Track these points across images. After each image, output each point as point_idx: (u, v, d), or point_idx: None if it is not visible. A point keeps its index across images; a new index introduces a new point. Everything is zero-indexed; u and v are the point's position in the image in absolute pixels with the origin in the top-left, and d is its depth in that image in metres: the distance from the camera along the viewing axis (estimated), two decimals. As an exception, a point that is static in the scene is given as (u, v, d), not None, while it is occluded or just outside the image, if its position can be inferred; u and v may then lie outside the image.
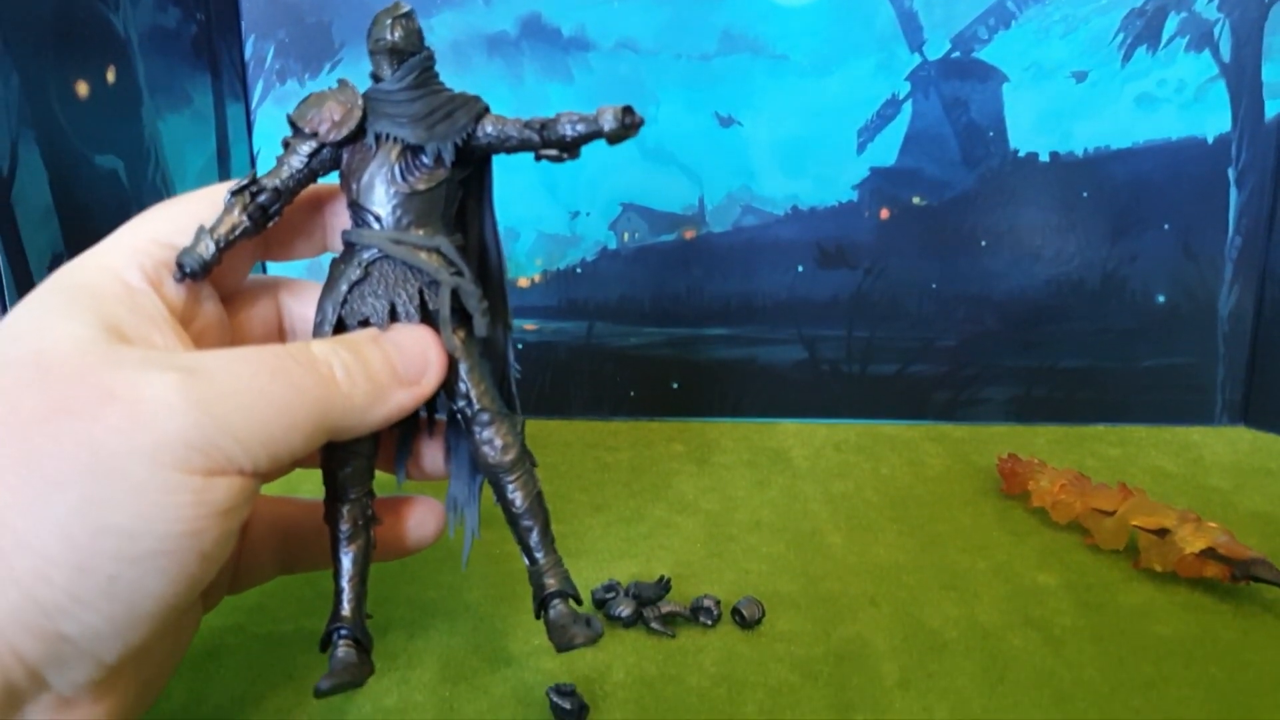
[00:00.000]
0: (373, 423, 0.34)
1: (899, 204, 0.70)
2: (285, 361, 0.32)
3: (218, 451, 0.29)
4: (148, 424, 0.28)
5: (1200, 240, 0.69)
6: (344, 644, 0.36)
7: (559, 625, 0.36)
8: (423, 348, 0.35)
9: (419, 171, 0.36)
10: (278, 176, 0.36)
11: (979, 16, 0.67)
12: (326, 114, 0.36)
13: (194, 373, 0.30)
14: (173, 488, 0.28)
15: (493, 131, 0.36)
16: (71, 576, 0.27)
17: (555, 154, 0.36)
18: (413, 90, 0.36)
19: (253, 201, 0.36)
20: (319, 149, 0.36)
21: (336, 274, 0.37)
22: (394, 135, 0.36)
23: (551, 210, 0.72)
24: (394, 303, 0.36)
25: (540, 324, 0.74)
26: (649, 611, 0.46)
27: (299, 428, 0.31)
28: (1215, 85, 0.67)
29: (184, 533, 0.29)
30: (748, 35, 0.68)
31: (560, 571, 0.37)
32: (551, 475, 0.63)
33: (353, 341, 0.34)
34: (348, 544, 0.37)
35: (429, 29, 0.69)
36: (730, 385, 0.74)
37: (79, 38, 0.56)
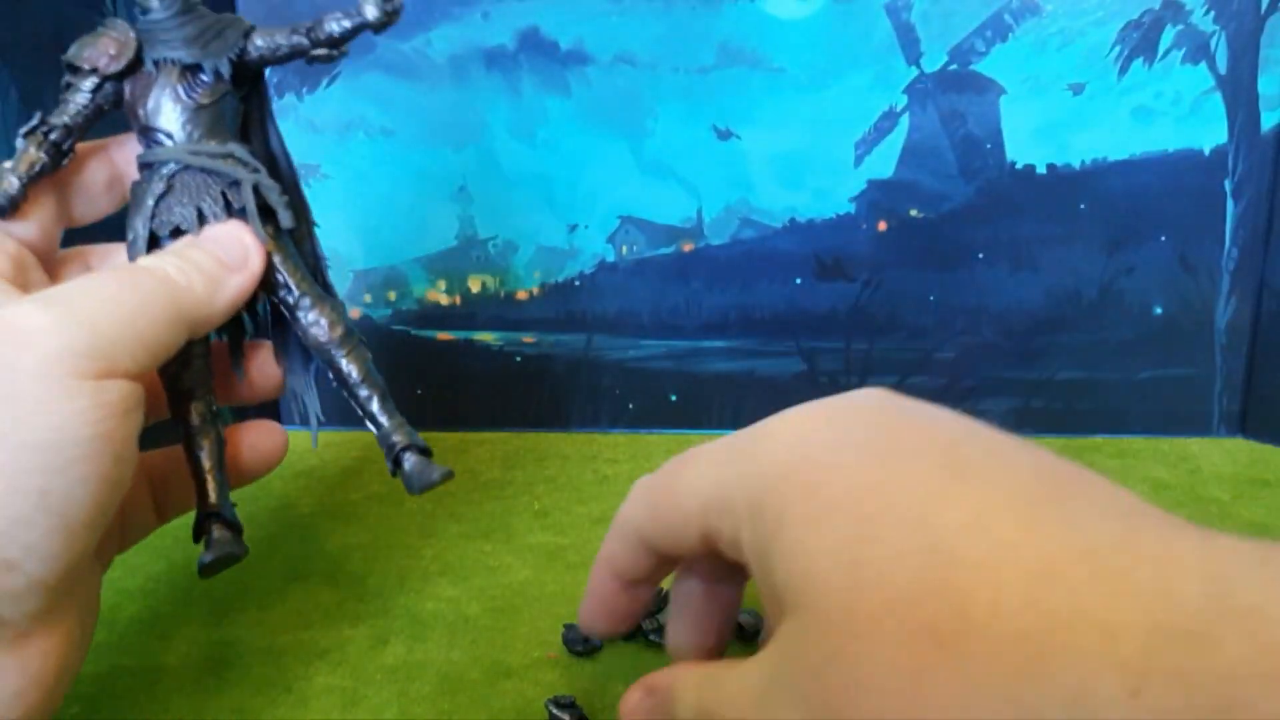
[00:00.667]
0: (220, 309, 0.36)
1: (897, 216, 0.70)
2: (126, 273, 0.35)
3: (98, 354, 0.31)
4: (27, 344, 0.30)
5: (1197, 252, 0.69)
6: (217, 527, 0.39)
7: (415, 472, 0.38)
8: (237, 236, 0.38)
9: (200, 89, 0.38)
10: (65, 114, 0.38)
11: (976, 29, 0.67)
12: (102, 49, 0.38)
13: (50, 299, 0.32)
14: (71, 393, 0.30)
15: (263, 44, 0.39)
16: (4, 499, 0.29)
17: (325, 53, 0.39)
18: (181, 16, 0.38)
19: (45, 140, 0.37)
20: (101, 84, 0.38)
21: (140, 193, 0.38)
22: (171, 58, 0.38)
23: (549, 223, 0.72)
24: (200, 208, 0.38)
25: (538, 336, 0.74)
26: (647, 624, 0.46)
27: (160, 322, 0.34)
28: (1212, 97, 0.67)
29: (95, 435, 0.30)
30: (745, 48, 0.68)
31: (406, 430, 0.39)
32: (550, 487, 0.63)
33: (174, 249, 0.37)
34: (201, 437, 0.39)
35: (427, 43, 0.69)
36: (729, 397, 0.74)
37: (78, 52, 0.56)
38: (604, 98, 0.70)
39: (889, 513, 0.28)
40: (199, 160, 0.38)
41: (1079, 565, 0.25)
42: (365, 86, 0.70)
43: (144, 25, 0.38)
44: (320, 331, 0.39)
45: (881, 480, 0.29)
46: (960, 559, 0.26)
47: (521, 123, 0.70)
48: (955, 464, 0.29)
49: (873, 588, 0.27)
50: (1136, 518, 0.26)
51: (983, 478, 0.28)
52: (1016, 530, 0.26)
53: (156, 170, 0.38)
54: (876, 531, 0.28)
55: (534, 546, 0.55)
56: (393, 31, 0.69)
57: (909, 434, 0.31)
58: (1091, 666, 0.23)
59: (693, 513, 0.34)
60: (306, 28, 0.39)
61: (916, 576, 0.26)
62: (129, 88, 0.38)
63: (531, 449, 0.71)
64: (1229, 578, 0.23)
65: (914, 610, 0.26)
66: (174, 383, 0.39)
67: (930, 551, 0.27)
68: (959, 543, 0.26)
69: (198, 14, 0.38)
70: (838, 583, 0.28)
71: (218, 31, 0.38)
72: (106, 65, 0.38)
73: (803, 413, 0.33)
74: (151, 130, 0.38)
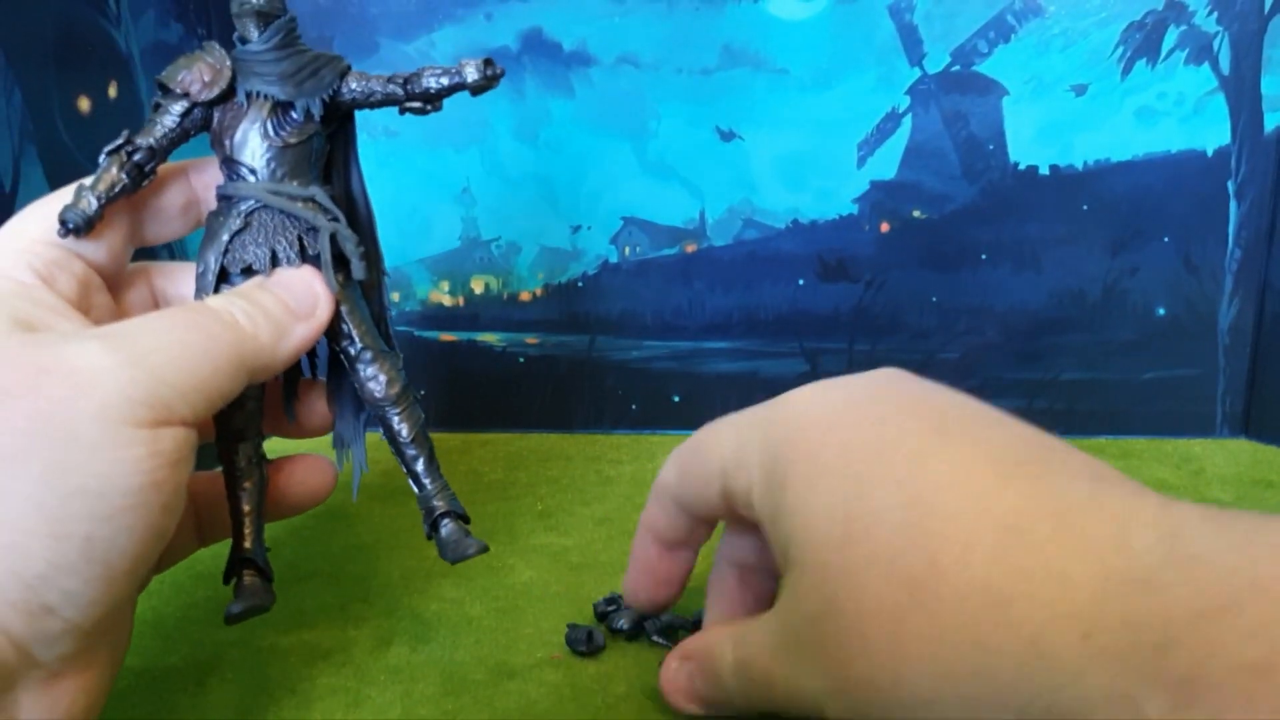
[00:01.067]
0: (283, 357, 0.36)
1: (899, 217, 0.70)
2: (194, 315, 0.34)
3: (158, 401, 0.31)
4: (88, 388, 0.30)
5: (1200, 253, 0.69)
6: (248, 574, 0.39)
7: (451, 541, 0.39)
8: (308, 283, 0.37)
9: (289, 126, 0.38)
10: (151, 135, 0.37)
11: (979, 30, 0.67)
12: (196, 74, 0.38)
13: (114, 337, 0.31)
14: (126, 442, 0.30)
15: (357, 87, 0.39)
16: (49, 544, 0.28)
17: (419, 106, 0.39)
18: (279, 50, 0.38)
19: (129, 160, 0.37)
20: (190, 109, 0.38)
21: (216, 226, 0.38)
22: (264, 93, 0.37)
23: (553, 224, 0.72)
24: (275, 249, 0.38)
25: (542, 338, 0.74)
26: (650, 624, 0.46)
27: (223, 371, 0.33)
28: (1215, 98, 0.67)
29: (145, 485, 0.30)
30: (748, 50, 0.68)
31: (448, 494, 0.40)
32: (553, 488, 0.63)
33: (243, 290, 0.36)
34: (244, 480, 0.39)
35: (431, 44, 0.69)
36: (732, 398, 0.74)
37: (81, 53, 0.56)
38: (607, 99, 0.70)
39: (877, 471, 0.31)
40: (279, 201, 0.37)
41: (1045, 521, 0.27)
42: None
43: (241, 54, 0.38)
44: (377, 387, 0.39)
45: (874, 443, 0.32)
46: (937, 511, 0.29)
47: (524, 124, 0.70)
48: (942, 427, 0.32)
49: (860, 542, 0.30)
50: (1104, 482, 0.28)
51: (966, 439, 0.31)
52: (992, 485, 0.29)
53: (235, 205, 0.38)
54: (866, 489, 0.31)
55: (537, 547, 0.55)
56: (396, 32, 0.69)
57: (904, 402, 0.34)
58: (1047, 614, 0.26)
59: (714, 474, 0.37)
60: (404, 79, 0.39)
61: (898, 530, 0.29)
62: (218, 115, 0.38)
63: (534, 450, 0.71)
64: (1178, 534, 0.25)
65: (894, 562, 0.29)
66: (224, 422, 0.39)
67: (911, 506, 0.29)
68: (938, 497, 0.29)
69: (296, 49, 0.38)
70: (831, 538, 0.31)
71: (314, 70, 0.38)
72: (199, 92, 0.37)
73: (819, 385, 0.37)
74: (235, 163, 0.38)
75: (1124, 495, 0.27)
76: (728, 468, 0.37)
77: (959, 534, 0.28)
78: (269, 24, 0.38)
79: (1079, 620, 0.25)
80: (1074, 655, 0.25)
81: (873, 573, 0.30)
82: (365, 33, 0.69)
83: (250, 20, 0.37)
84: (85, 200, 0.36)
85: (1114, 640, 0.24)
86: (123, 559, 0.30)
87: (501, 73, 0.39)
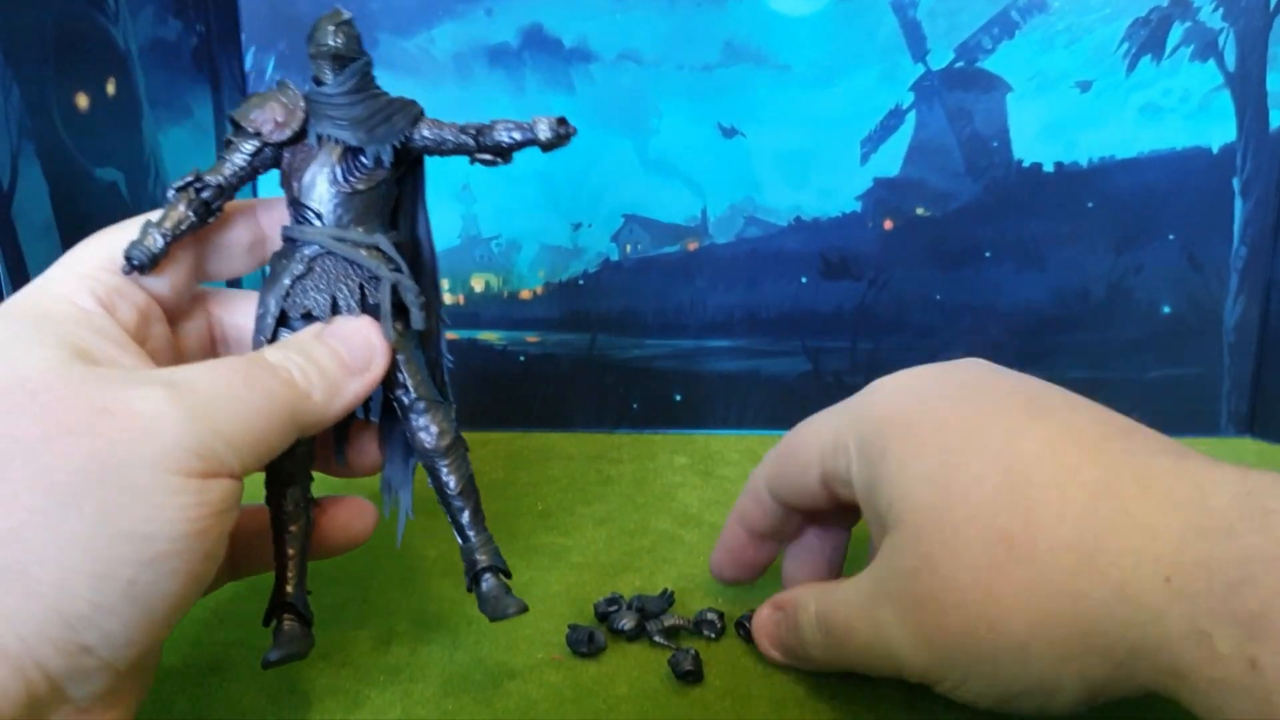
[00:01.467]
0: (335, 414, 0.37)
1: (903, 215, 0.70)
2: (253, 369, 0.34)
3: (212, 455, 0.31)
4: (147, 434, 0.30)
5: (1205, 250, 0.69)
6: (289, 619, 0.39)
7: (491, 597, 0.39)
8: (365, 336, 0.38)
9: (359, 172, 0.38)
10: (220, 173, 0.37)
11: (983, 26, 0.67)
12: (269, 114, 0.38)
13: (176, 385, 0.32)
14: (177, 490, 0.30)
15: (429, 135, 0.39)
16: (93, 584, 0.29)
17: (490, 159, 0.39)
18: (354, 94, 0.38)
19: (197, 197, 0.37)
20: (261, 148, 0.38)
21: (279, 269, 0.38)
22: (336, 137, 0.37)
23: (553, 222, 0.72)
24: (335, 296, 0.38)
25: (542, 336, 0.74)
26: (652, 625, 0.45)
27: (276, 427, 0.34)
28: (1220, 95, 0.67)
29: (191, 533, 0.31)
30: (750, 46, 0.68)
31: (491, 548, 0.40)
32: (554, 488, 0.63)
33: (300, 343, 0.37)
34: (291, 524, 0.39)
35: (430, 40, 0.69)
36: (734, 397, 0.74)
37: (79, 50, 0.56)
38: (608, 96, 0.69)
39: (973, 444, 0.34)
40: (342, 248, 0.37)
41: (1131, 485, 0.31)
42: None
43: (314, 95, 0.38)
44: (428, 438, 0.40)
45: (968, 419, 0.35)
46: (1031, 479, 0.32)
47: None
48: (1033, 408, 0.35)
49: (957, 504, 0.33)
50: (1185, 456, 0.32)
51: (1057, 418, 0.34)
52: (1081, 457, 0.32)
53: (299, 248, 0.38)
54: (962, 460, 0.34)
55: (537, 547, 0.54)
56: (396, 28, 0.69)
57: (995, 386, 0.38)
58: (1133, 562, 0.29)
59: (812, 460, 0.41)
60: (476, 129, 0.39)
61: (994, 494, 0.33)
62: (288, 155, 0.38)
63: (535, 449, 0.70)
64: (1254, 492, 0.28)
65: (991, 521, 0.32)
66: (275, 467, 0.39)
67: (1006, 473, 0.33)
68: (1032, 467, 0.33)
69: (370, 93, 0.38)
70: (929, 501, 0.34)
71: (387, 115, 0.38)
72: (271, 133, 0.37)
73: (907, 372, 0.41)
74: (302, 205, 0.38)
75: (1204, 464, 0.31)
76: (825, 452, 0.40)
77: (1053, 497, 0.32)
78: (345, 67, 0.37)
79: (1161, 565, 0.28)
80: (1156, 597, 0.28)
81: (970, 532, 0.33)
82: (365, 28, 0.68)
83: (326, 62, 0.37)
84: (151, 237, 0.36)
85: (1192, 582, 0.28)
86: (163, 603, 0.31)
87: (574, 131, 0.39)
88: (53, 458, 0.29)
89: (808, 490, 0.42)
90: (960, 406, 0.36)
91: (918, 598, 0.34)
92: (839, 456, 0.39)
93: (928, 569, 0.34)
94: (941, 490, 0.34)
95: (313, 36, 0.37)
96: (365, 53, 0.38)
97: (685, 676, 0.42)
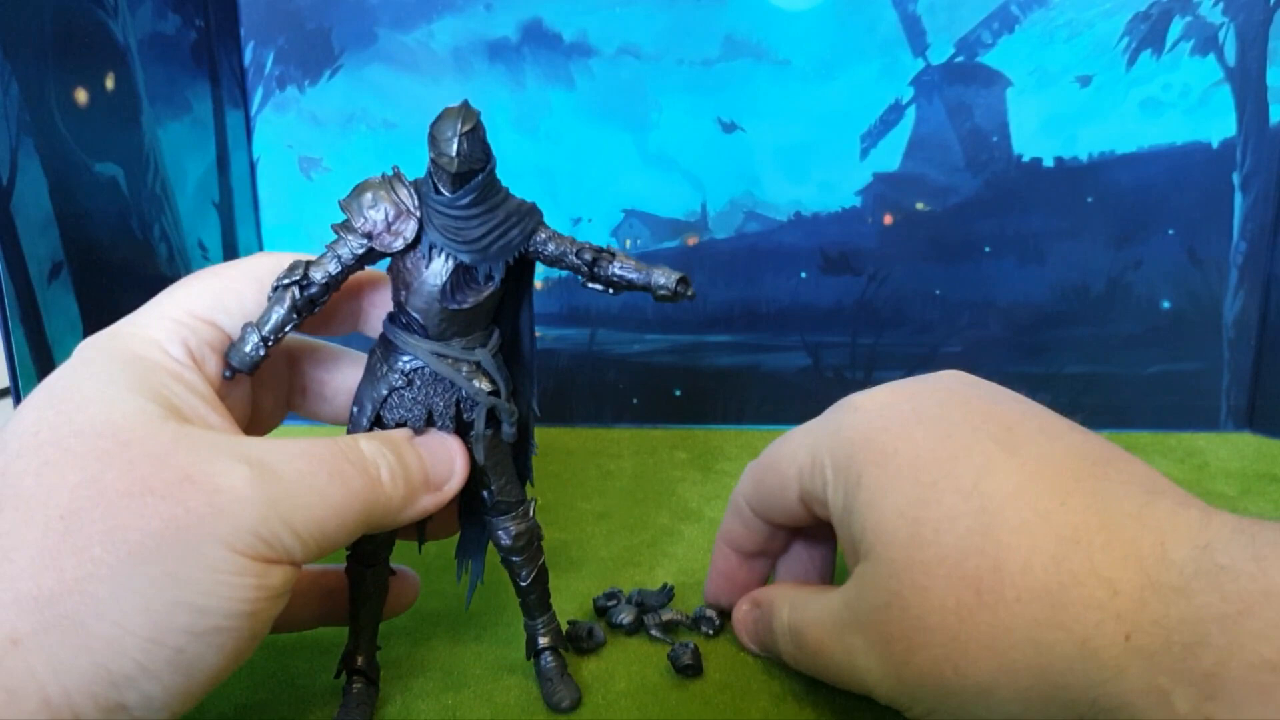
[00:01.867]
0: (401, 522, 0.37)
1: (902, 210, 0.70)
2: (341, 463, 0.34)
3: (279, 543, 0.32)
4: (224, 512, 0.31)
5: (1205, 246, 0.69)
6: (358, 682, 0.40)
7: (546, 680, 0.41)
8: (450, 455, 0.38)
9: (469, 289, 0.37)
10: (326, 270, 0.36)
11: (983, 21, 0.67)
12: (382, 215, 0.36)
13: (263, 467, 0.32)
14: (241, 570, 0.31)
15: (546, 251, 0.37)
16: (144, 647, 0.29)
17: (600, 289, 0.38)
18: (471, 208, 0.35)
19: (302, 295, 0.36)
20: (370, 250, 0.36)
21: (378, 373, 0.38)
22: (449, 252, 0.36)
23: (553, 216, 0.70)
24: (432, 410, 0.38)
25: (543, 331, 0.73)
26: (650, 619, 0.45)
27: (346, 526, 0.34)
28: (1220, 90, 0.66)
29: (245, 613, 0.31)
30: (750, 40, 0.68)
31: (553, 627, 0.42)
32: (554, 483, 0.63)
33: (395, 443, 0.37)
34: (368, 599, 0.41)
35: (430, 35, 0.69)
36: (733, 392, 0.74)
37: (78, 45, 0.56)
38: (608, 90, 0.69)
39: (947, 480, 0.34)
40: (442, 367, 0.37)
41: (1098, 534, 0.31)
42: (367, 79, 0.70)
43: (431, 202, 0.35)
44: (505, 537, 0.40)
45: (943, 452, 0.35)
46: (1003, 523, 0.32)
47: (524, 115, 0.70)
48: (1009, 441, 0.35)
49: (929, 544, 0.33)
50: (1154, 495, 0.32)
51: (1031, 454, 0.34)
52: (1052, 501, 0.32)
53: (399, 354, 0.37)
54: (936, 496, 0.34)
55: (537, 542, 0.54)
56: (395, 23, 0.69)
57: (973, 413, 0.37)
58: (1097, 618, 0.29)
59: (790, 478, 0.41)
60: (593, 256, 0.37)
61: (965, 536, 0.33)
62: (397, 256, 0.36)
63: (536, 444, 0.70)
64: (1211, 545, 0.28)
65: (961, 564, 0.32)
66: (358, 548, 0.40)
67: (978, 514, 0.33)
68: (1004, 509, 0.32)
69: (489, 205, 0.36)
70: (901, 537, 0.34)
71: (504, 231, 0.36)
72: (381, 239, 0.36)
73: (885, 390, 0.40)
74: (407, 311, 0.37)
75: (1170, 508, 0.31)
76: (803, 472, 0.40)
77: (1022, 542, 0.32)
78: (465, 183, 0.35)
79: (1122, 623, 0.29)
80: (1117, 654, 0.29)
81: (940, 572, 0.33)
82: (364, 23, 0.69)
83: (445, 177, 0.35)
84: (251, 343, 0.36)
85: (1150, 640, 0.28)
86: (204, 674, 0.31)
87: (693, 296, 0.37)
88: (131, 516, 0.30)
89: (787, 508, 0.42)
90: (935, 439, 0.36)
91: (888, 633, 0.34)
92: (815, 477, 0.39)
93: (898, 606, 0.34)
94: (913, 525, 0.34)
95: (433, 138, 0.34)
96: (490, 157, 0.35)
97: (684, 671, 0.42)
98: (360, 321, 0.41)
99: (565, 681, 0.41)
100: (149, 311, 0.36)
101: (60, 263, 0.54)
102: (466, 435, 0.38)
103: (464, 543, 0.43)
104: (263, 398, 0.41)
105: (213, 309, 0.36)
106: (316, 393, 0.42)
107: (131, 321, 0.36)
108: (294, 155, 0.72)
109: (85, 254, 0.55)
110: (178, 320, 0.36)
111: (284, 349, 0.41)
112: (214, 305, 0.36)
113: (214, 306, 0.36)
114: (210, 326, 0.36)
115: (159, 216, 0.62)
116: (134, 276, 0.38)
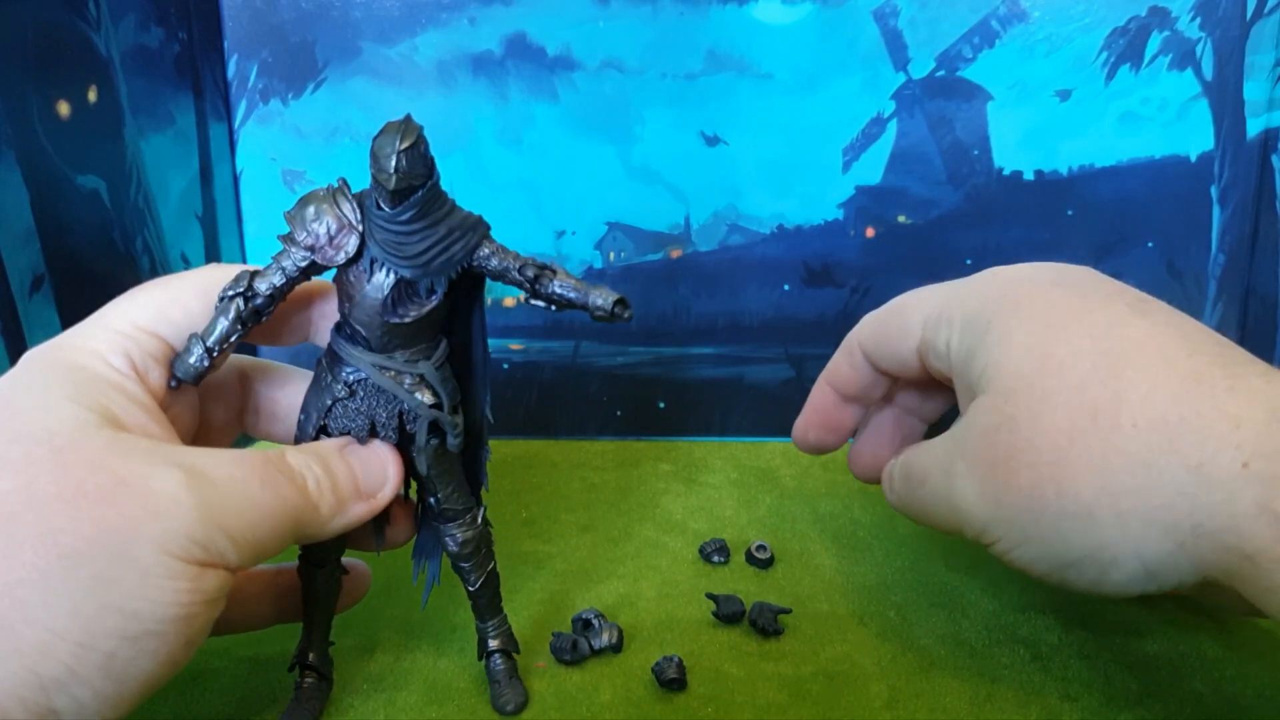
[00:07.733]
0: (331, 532, 0.37)
1: (884, 222, 0.70)
2: (271, 471, 0.35)
3: (214, 547, 0.32)
4: (158, 515, 0.31)
5: (1184, 258, 0.70)
6: (309, 677, 0.41)
7: (495, 679, 0.42)
8: (382, 465, 0.38)
9: (411, 303, 0.37)
10: (271, 282, 0.36)
11: (963, 35, 0.67)
12: (324, 229, 0.36)
13: (195, 472, 0.32)
14: (174, 573, 0.31)
15: (489, 265, 0.37)
16: (74, 651, 0.29)
17: (544, 306, 0.38)
18: (412, 224, 0.35)
19: (246, 306, 0.36)
20: (313, 263, 0.36)
21: (323, 383, 0.38)
22: (390, 267, 0.36)
23: (537, 229, 0.72)
24: (374, 420, 0.38)
25: (526, 344, 0.74)
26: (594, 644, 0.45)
27: (277, 532, 0.34)
28: (1198, 104, 0.67)
29: (178, 617, 0.31)
30: (733, 54, 0.68)
31: (503, 630, 0.43)
32: (538, 496, 0.63)
33: (322, 453, 0.37)
34: (319, 598, 0.41)
35: (414, 48, 0.69)
36: (717, 404, 0.74)
37: (60, 57, 0.56)
38: (591, 103, 0.69)
39: (1078, 326, 0.36)
40: (385, 381, 0.37)
41: (1223, 379, 0.33)
42: (351, 92, 0.70)
43: (374, 217, 0.35)
44: (453, 544, 0.41)
45: (1076, 304, 0.37)
46: (1129, 362, 0.34)
47: (508, 129, 0.70)
48: (1141, 307, 0.37)
49: (1053, 374, 0.35)
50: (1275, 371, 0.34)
51: (1160, 319, 0.36)
52: (1179, 350, 0.34)
53: (343, 366, 0.37)
54: (1064, 336, 0.36)
55: (521, 555, 0.54)
56: (378, 36, 0.69)
57: (1107, 283, 0.39)
58: (1215, 445, 0.31)
59: (914, 326, 0.43)
60: (535, 272, 0.37)
61: (1090, 369, 0.35)
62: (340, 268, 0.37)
63: (519, 456, 0.70)
64: None
65: (1081, 392, 0.34)
66: (308, 549, 0.41)
67: (1105, 354, 0.35)
68: (1130, 352, 0.34)
69: (431, 220, 0.36)
70: (1026, 368, 0.36)
71: (446, 246, 0.36)
72: (323, 254, 0.36)
73: (1019, 265, 0.42)
74: (351, 325, 0.37)
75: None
76: (928, 322, 0.42)
77: (1146, 379, 0.34)
78: (406, 199, 0.35)
79: (1241, 452, 0.31)
80: (1232, 479, 0.31)
81: (1059, 398, 0.35)
82: (348, 36, 0.69)
83: (384, 193, 0.35)
84: (196, 353, 0.36)
85: (1269, 467, 0.30)
86: (135, 681, 0.31)
87: (629, 318, 0.37)
88: (64, 520, 0.30)
89: (902, 356, 0.44)
90: (1070, 293, 0.38)
91: (993, 454, 0.36)
92: (940, 328, 0.41)
93: (1009, 428, 0.35)
94: (1039, 360, 0.36)
95: (373, 154, 0.34)
96: (432, 172, 0.35)
97: (669, 684, 0.42)
98: (310, 332, 0.41)
99: (513, 685, 0.41)
100: (93, 322, 0.36)
101: (42, 275, 0.54)
102: (410, 446, 0.39)
103: (420, 544, 0.43)
104: (212, 411, 0.41)
105: (156, 320, 0.37)
106: (269, 412, 0.42)
107: (75, 333, 0.36)
108: (277, 168, 0.72)
109: (67, 266, 0.55)
110: (121, 331, 0.36)
111: (235, 368, 0.42)
112: (158, 317, 0.37)
113: (158, 318, 0.37)
114: (154, 338, 0.36)
115: (141, 229, 0.62)
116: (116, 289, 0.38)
